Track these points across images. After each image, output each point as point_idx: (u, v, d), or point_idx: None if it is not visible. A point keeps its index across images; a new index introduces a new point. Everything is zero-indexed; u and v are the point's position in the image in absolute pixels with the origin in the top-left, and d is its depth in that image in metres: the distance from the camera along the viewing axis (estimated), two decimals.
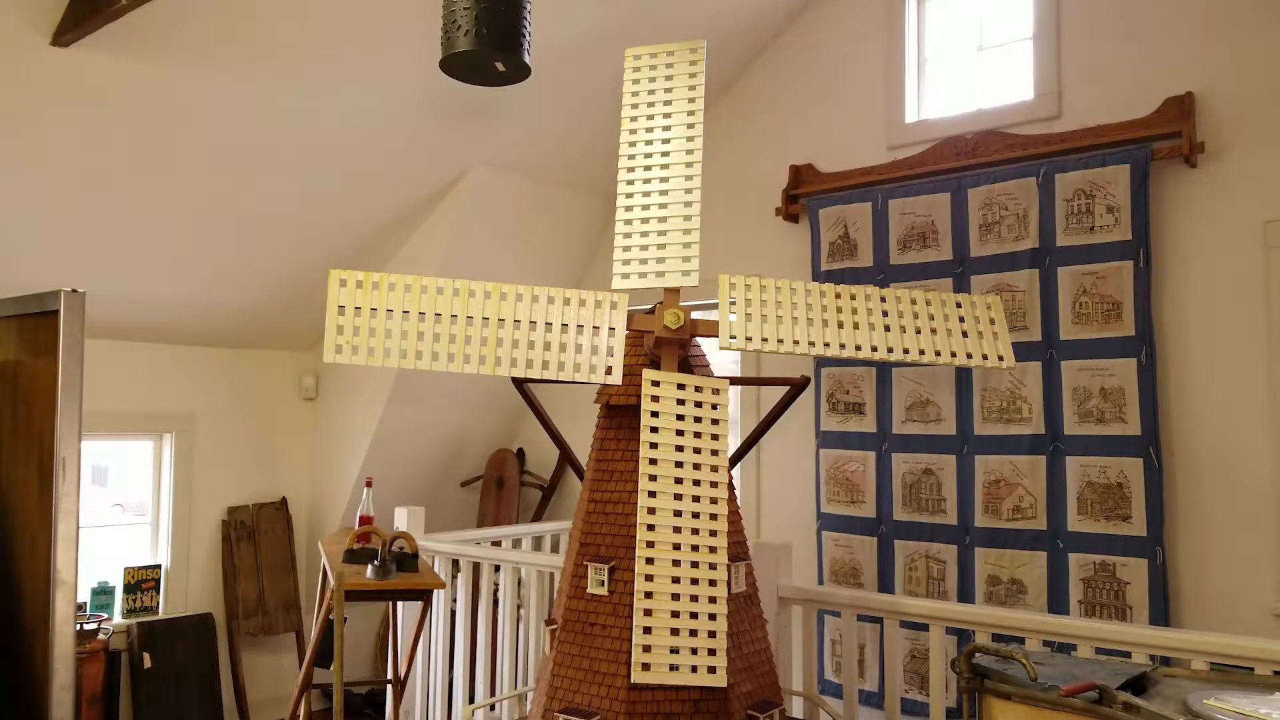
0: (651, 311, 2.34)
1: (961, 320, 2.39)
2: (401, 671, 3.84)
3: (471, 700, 4.00)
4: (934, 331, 2.36)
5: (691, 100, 2.37)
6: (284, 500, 5.23)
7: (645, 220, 2.34)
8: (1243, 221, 3.45)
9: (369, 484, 3.70)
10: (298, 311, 4.89)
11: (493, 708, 3.86)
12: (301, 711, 3.81)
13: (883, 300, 2.37)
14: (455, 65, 2.60)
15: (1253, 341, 3.41)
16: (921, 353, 2.33)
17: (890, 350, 2.31)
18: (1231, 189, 3.48)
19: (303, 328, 5.06)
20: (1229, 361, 3.45)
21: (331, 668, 3.01)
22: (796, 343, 2.28)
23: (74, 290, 2.29)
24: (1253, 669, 2.21)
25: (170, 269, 4.28)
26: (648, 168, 2.36)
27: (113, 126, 3.52)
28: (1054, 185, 3.72)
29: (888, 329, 2.33)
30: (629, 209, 2.36)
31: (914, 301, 2.39)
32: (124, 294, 4.27)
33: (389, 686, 4.07)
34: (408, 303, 2.26)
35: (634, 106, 2.41)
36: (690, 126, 2.36)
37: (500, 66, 2.58)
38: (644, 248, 2.33)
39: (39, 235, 3.78)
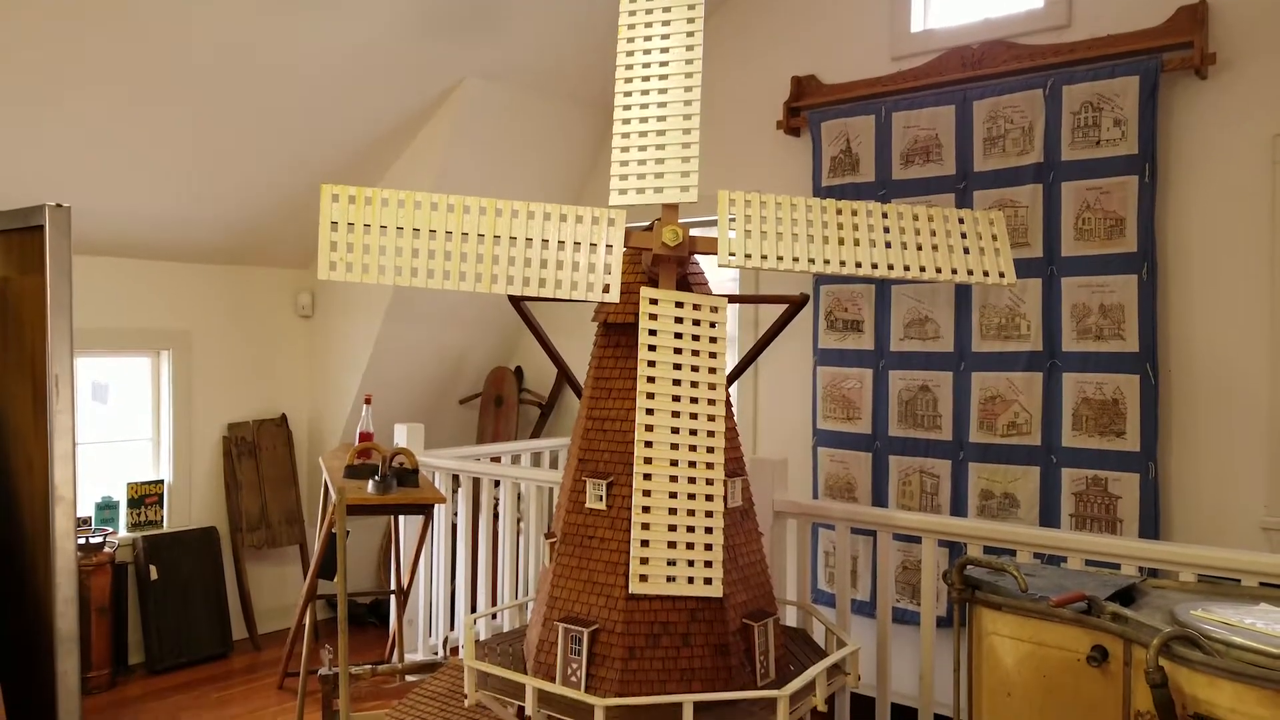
0: (650, 228, 2.30)
1: (963, 236, 2.36)
2: (404, 583, 3.92)
3: (473, 610, 4.10)
4: (935, 248, 2.33)
5: (691, 6, 2.29)
6: (284, 417, 5.26)
7: (643, 134, 2.29)
8: (1252, 135, 3.38)
9: (368, 401, 3.72)
10: (291, 228, 4.82)
11: (494, 617, 3.95)
12: (306, 621, 3.91)
13: (884, 216, 2.33)
14: None
15: (1256, 258, 3.38)
16: (922, 269, 2.30)
17: (891, 267, 2.29)
18: (1242, 101, 3.40)
19: (297, 244, 5.00)
20: (1231, 278, 3.43)
21: (335, 580, 3.07)
22: (796, 260, 2.26)
23: (59, 205, 2.25)
24: (1239, 581, 2.25)
25: (162, 184, 4.20)
26: (646, 78, 2.30)
27: (101, 38, 3.41)
28: (1061, 97, 3.64)
29: (889, 245, 2.31)
30: (626, 122, 2.30)
31: (915, 218, 2.36)
32: (116, 209, 4.20)
33: (392, 597, 4.17)
34: (402, 219, 2.22)
35: (632, 14, 2.33)
36: (690, 35, 2.28)
37: None
38: (642, 163, 2.28)
39: (27, 150, 3.69)
